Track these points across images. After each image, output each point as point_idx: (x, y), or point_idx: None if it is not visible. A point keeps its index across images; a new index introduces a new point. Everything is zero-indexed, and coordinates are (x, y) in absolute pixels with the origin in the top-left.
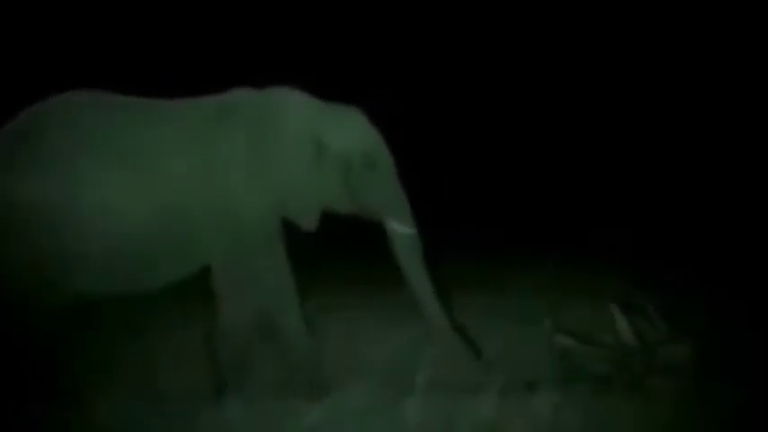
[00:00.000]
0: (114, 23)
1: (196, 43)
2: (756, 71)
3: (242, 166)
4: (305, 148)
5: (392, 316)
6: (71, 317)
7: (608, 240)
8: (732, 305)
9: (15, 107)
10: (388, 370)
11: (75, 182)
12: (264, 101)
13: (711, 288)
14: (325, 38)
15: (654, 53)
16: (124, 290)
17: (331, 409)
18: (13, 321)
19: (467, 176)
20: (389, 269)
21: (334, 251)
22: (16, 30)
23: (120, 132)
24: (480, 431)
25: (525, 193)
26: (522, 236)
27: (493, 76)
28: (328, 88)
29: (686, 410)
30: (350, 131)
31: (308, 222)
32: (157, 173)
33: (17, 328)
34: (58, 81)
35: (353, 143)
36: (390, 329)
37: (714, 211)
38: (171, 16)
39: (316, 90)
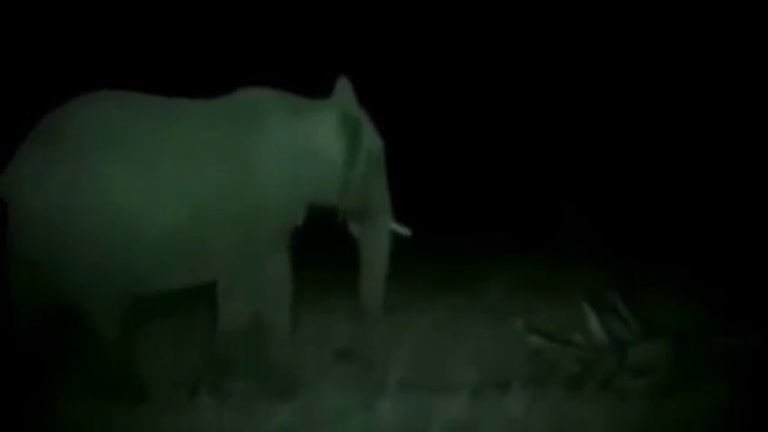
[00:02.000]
0: (115, 24)
1: (195, 44)
2: (731, 62)
3: (274, 164)
4: (354, 144)
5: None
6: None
7: (582, 239)
8: (709, 303)
9: (21, 109)
10: (361, 370)
11: (95, 183)
12: (292, 99)
13: (687, 286)
14: (321, 38)
15: (640, 49)
16: (126, 294)
17: (304, 409)
18: (13, 321)
19: (441, 176)
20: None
21: (309, 254)
22: (19, 32)
23: (144, 134)
24: (452, 431)
25: (499, 192)
26: (496, 235)
27: (470, 75)
28: (319, 87)
29: (657, 410)
30: (370, 129)
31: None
32: (182, 174)
33: (15, 327)
34: (62, 83)
35: (373, 141)
36: (363, 330)
37: (689, 209)
38: (171, 16)
39: (308, 90)
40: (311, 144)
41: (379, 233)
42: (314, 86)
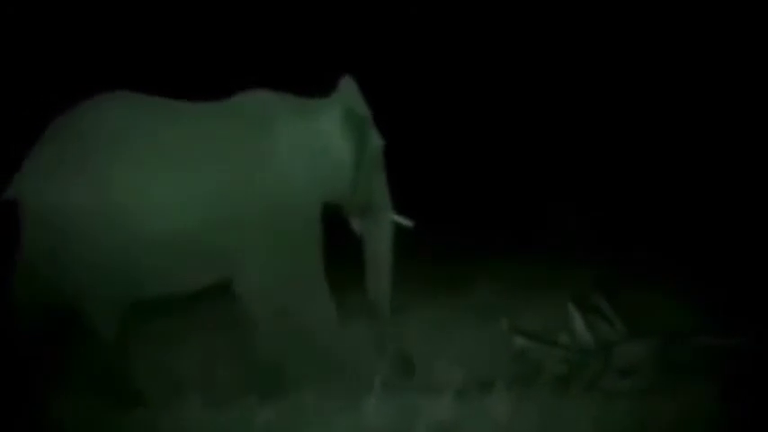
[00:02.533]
0: (117, 26)
1: (196, 46)
2: (729, 62)
3: (286, 165)
4: (361, 141)
5: (351, 316)
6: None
7: (579, 239)
8: (698, 303)
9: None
10: (346, 370)
11: (97, 184)
12: (293, 100)
13: (679, 286)
14: (320, 39)
15: (636, 53)
16: (125, 296)
17: (291, 408)
18: (13, 321)
19: (439, 176)
20: (349, 270)
21: None
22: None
23: (149, 135)
24: (438, 431)
25: (497, 192)
26: (493, 235)
27: (469, 76)
28: (319, 88)
29: (643, 411)
30: (373, 129)
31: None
32: (185, 177)
33: (15, 327)
34: (70, 86)
35: (376, 140)
36: (349, 329)
37: (683, 209)
38: (173, 18)
39: (309, 91)
40: (319, 143)
41: (382, 229)
42: (314, 87)
